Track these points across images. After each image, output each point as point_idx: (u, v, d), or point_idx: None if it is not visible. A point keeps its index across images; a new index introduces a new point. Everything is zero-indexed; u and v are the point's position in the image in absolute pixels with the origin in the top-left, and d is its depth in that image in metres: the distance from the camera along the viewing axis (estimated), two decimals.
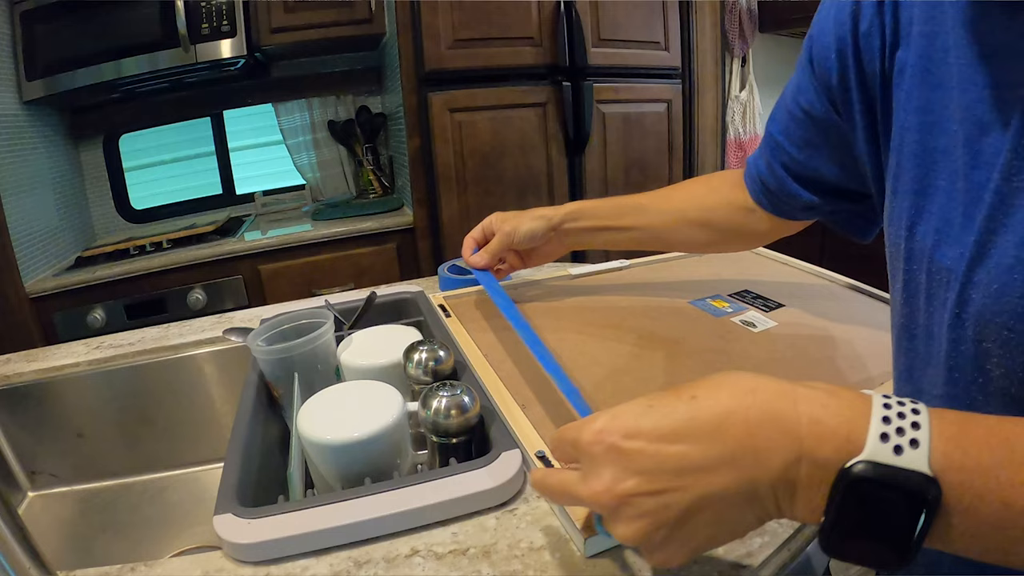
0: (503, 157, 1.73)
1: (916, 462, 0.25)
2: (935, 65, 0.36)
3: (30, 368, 0.76)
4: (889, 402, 0.27)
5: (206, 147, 2.11)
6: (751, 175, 0.63)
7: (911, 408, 0.27)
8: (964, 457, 0.25)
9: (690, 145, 2.07)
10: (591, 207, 0.72)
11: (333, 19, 1.71)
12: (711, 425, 0.29)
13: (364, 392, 0.52)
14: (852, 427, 0.27)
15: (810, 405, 0.28)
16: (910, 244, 0.38)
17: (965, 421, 0.26)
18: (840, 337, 0.64)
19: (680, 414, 0.30)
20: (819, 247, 1.87)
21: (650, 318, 0.71)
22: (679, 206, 0.69)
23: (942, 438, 0.26)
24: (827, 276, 0.82)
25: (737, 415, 0.29)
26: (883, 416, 0.26)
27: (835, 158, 0.51)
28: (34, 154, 1.67)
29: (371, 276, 1.75)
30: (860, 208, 0.56)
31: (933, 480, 0.25)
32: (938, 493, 0.25)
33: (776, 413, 0.28)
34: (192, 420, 0.80)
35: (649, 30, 1.87)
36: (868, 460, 0.26)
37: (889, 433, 0.26)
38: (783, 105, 0.55)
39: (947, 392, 0.37)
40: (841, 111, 0.46)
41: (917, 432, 0.26)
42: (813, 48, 0.47)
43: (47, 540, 0.70)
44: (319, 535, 0.41)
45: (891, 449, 0.25)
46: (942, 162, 0.35)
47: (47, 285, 1.52)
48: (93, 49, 1.61)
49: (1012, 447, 0.25)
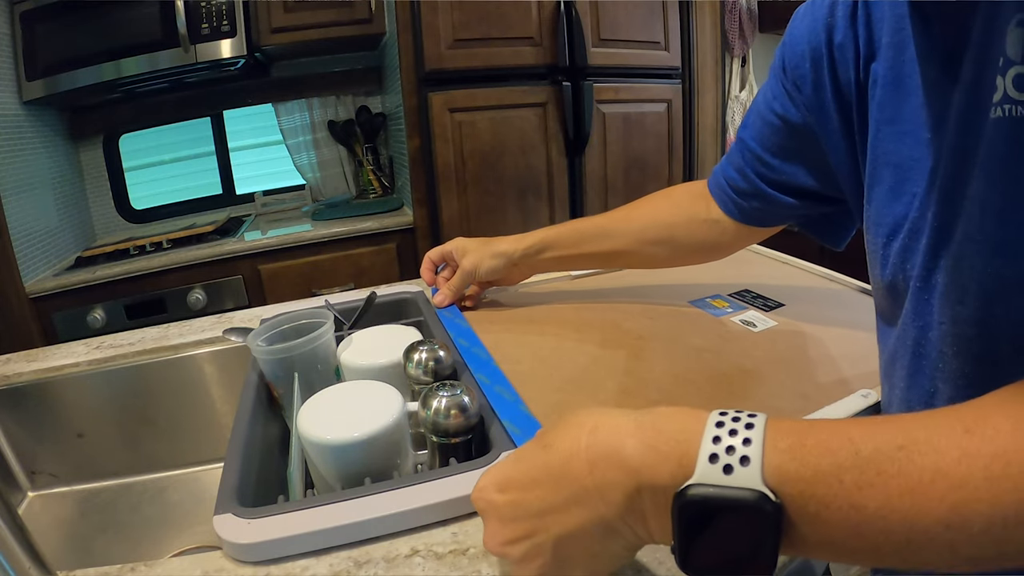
0: (503, 157, 1.73)
1: (748, 479, 0.25)
2: (905, 76, 0.37)
3: (30, 368, 0.76)
4: (723, 420, 0.27)
5: (206, 147, 2.10)
6: (719, 185, 0.63)
7: (745, 423, 0.27)
8: (801, 467, 0.25)
9: (690, 145, 2.07)
10: (553, 237, 0.72)
11: (333, 19, 1.71)
12: (559, 469, 0.31)
13: (364, 392, 0.52)
14: (683, 451, 0.27)
15: (645, 434, 0.29)
16: (887, 251, 0.39)
17: (804, 429, 0.26)
18: (840, 336, 0.64)
19: (538, 462, 0.32)
20: (819, 247, 1.86)
21: (650, 318, 0.71)
22: (640, 226, 0.69)
23: (776, 451, 0.25)
24: (827, 275, 0.82)
25: (580, 456, 0.30)
26: (714, 436, 0.26)
27: (810, 164, 0.52)
28: (34, 154, 1.67)
29: (371, 276, 1.75)
30: (833, 213, 0.56)
31: (766, 496, 0.25)
32: (776, 507, 0.24)
33: (612, 449, 0.29)
34: (192, 420, 0.80)
35: (649, 30, 1.87)
36: (698, 483, 0.26)
37: (718, 453, 0.26)
38: (756, 112, 0.55)
39: (911, 383, 0.38)
40: (816, 119, 0.47)
41: (748, 448, 0.26)
42: (786, 56, 0.48)
43: (47, 540, 0.70)
44: (319, 535, 0.41)
45: (720, 469, 0.25)
46: (915, 169, 0.36)
47: (47, 285, 1.52)
48: (93, 49, 1.61)
49: (856, 449, 0.24)
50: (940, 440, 0.23)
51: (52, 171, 1.76)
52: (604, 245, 0.70)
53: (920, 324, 0.36)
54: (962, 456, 0.22)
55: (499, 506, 0.33)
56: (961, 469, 0.22)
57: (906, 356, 0.38)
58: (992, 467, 0.22)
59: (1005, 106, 0.27)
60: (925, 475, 0.23)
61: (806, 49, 0.45)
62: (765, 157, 0.55)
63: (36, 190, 1.65)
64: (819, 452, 0.25)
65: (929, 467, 0.23)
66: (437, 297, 0.75)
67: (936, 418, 0.24)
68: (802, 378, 0.56)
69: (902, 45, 0.37)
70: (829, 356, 0.60)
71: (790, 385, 0.55)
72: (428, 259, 0.79)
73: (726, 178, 0.61)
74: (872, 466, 0.24)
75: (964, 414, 0.24)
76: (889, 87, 0.38)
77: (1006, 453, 0.22)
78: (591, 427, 0.31)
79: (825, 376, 0.56)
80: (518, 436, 0.48)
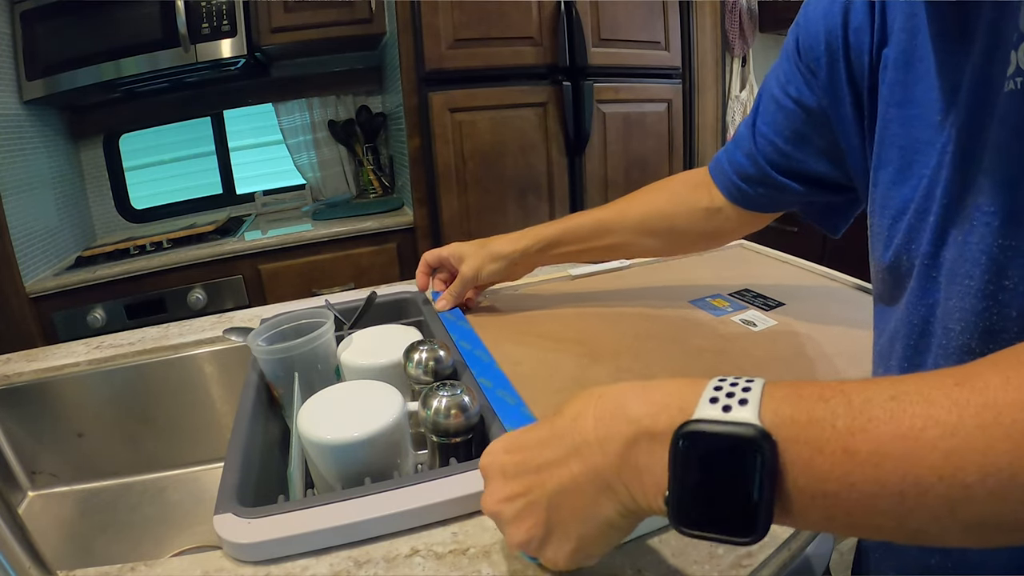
0: (503, 157, 1.73)
1: (745, 416, 0.25)
2: (916, 59, 0.37)
3: (30, 368, 0.76)
4: (725, 377, 0.28)
5: (206, 147, 2.11)
6: (722, 171, 0.62)
7: (745, 380, 0.27)
8: (795, 411, 0.25)
9: (690, 145, 2.07)
10: (551, 234, 0.72)
11: (333, 19, 1.71)
12: (564, 428, 0.32)
13: (364, 392, 0.52)
14: (684, 399, 0.28)
15: (649, 392, 0.29)
16: (892, 232, 0.39)
17: (800, 383, 0.27)
18: (840, 335, 0.63)
19: (545, 426, 0.33)
20: (820, 246, 1.87)
21: (650, 318, 0.71)
22: (638, 218, 0.69)
23: (773, 397, 0.26)
24: (827, 274, 0.82)
25: (585, 413, 0.31)
26: (715, 386, 0.27)
27: (822, 150, 0.51)
28: (34, 154, 1.67)
29: (371, 276, 1.75)
30: (837, 200, 0.56)
31: (764, 432, 0.25)
32: (772, 446, 0.25)
33: (617, 405, 0.30)
34: (192, 420, 0.80)
35: (649, 30, 1.87)
36: (698, 419, 0.26)
37: (718, 397, 0.27)
38: (769, 96, 0.54)
39: (911, 363, 0.38)
40: (829, 102, 0.46)
41: (747, 394, 0.26)
42: (800, 37, 0.47)
43: (47, 540, 0.70)
44: (319, 535, 0.41)
45: (720, 408, 0.26)
46: (923, 152, 0.36)
47: (47, 285, 1.52)
48: (93, 49, 1.61)
49: (848, 398, 0.25)
50: (931, 391, 0.23)
51: (52, 171, 1.76)
52: (604, 239, 0.70)
53: (928, 302, 0.36)
54: (952, 405, 0.22)
55: (503, 464, 0.34)
56: (952, 417, 0.22)
57: (909, 336, 0.38)
58: (983, 415, 0.22)
59: (1018, 79, 0.27)
60: (916, 421, 0.23)
61: (821, 30, 0.44)
62: (778, 142, 0.54)
63: (36, 190, 1.65)
64: (813, 399, 0.25)
65: (920, 414, 0.23)
66: (439, 303, 0.75)
67: (927, 375, 0.24)
68: (802, 377, 0.55)
69: (915, 30, 0.37)
70: (829, 355, 0.60)
71: None
72: (424, 263, 0.78)
73: (732, 164, 0.60)
74: (864, 413, 0.24)
75: (955, 371, 0.24)
76: (900, 70, 0.38)
77: (996, 404, 0.22)
78: (599, 394, 0.32)
79: (825, 375, 0.56)
80: None
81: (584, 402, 0.32)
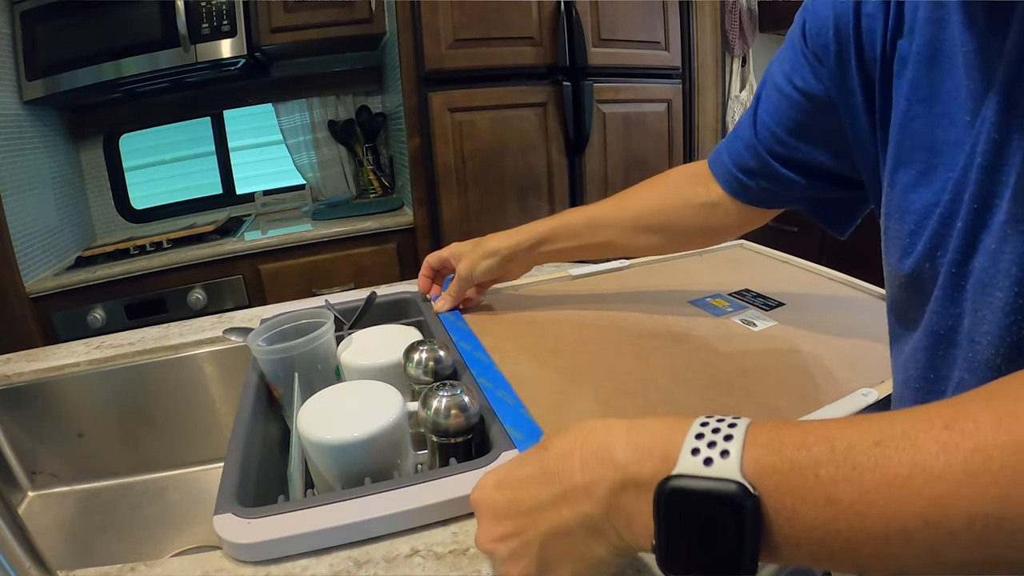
0: (503, 157, 1.73)
1: (726, 471, 0.25)
2: (943, 55, 0.35)
3: (30, 368, 0.76)
4: (708, 421, 0.28)
5: (206, 147, 2.11)
6: (722, 164, 0.60)
7: (728, 423, 0.27)
8: (778, 460, 0.25)
9: (690, 145, 2.07)
10: (545, 231, 0.71)
11: (333, 19, 1.71)
12: (553, 468, 0.32)
13: (364, 392, 0.52)
14: (667, 446, 0.27)
15: (634, 434, 0.29)
16: (913, 239, 0.37)
17: (784, 427, 0.26)
18: (840, 335, 0.63)
19: (536, 462, 0.33)
20: (819, 246, 1.87)
21: (650, 318, 0.71)
22: (635, 215, 0.67)
23: (755, 445, 0.26)
24: (827, 275, 0.82)
25: (572, 455, 0.31)
26: (697, 433, 0.27)
27: (828, 141, 0.49)
28: (34, 154, 1.67)
29: (371, 276, 1.75)
30: (842, 197, 0.54)
31: (745, 487, 0.25)
32: (754, 499, 0.24)
33: (602, 447, 0.30)
34: (192, 420, 0.80)
35: (649, 30, 1.87)
36: (680, 474, 0.26)
37: (700, 447, 0.26)
38: (772, 85, 0.52)
39: (933, 374, 0.37)
40: (837, 92, 0.44)
41: (728, 443, 0.26)
42: (808, 21, 0.45)
43: (47, 540, 0.70)
44: (319, 535, 0.41)
45: (701, 461, 0.26)
46: (949, 153, 0.34)
47: (47, 285, 1.52)
48: (93, 49, 1.61)
49: (832, 444, 0.24)
50: (918, 435, 0.23)
51: (52, 171, 1.76)
52: (600, 236, 0.69)
53: (955, 312, 0.35)
54: (940, 451, 0.22)
55: (494, 503, 0.34)
56: (939, 464, 0.22)
57: (931, 347, 0.37)
58: (972, 461, 0.21)
59: None
60: (902, 469, 0.22)
61: (830, 15, 0.42)
62: (780, 133, 0.52)
63: (36, 190, 1.65)
64: (796, 447, 0.25)
65: (906, 461, 0.22)
66: (438, 303, 0.75)
67: (916, 414, 0.24)
68: (802, 377, 0.56)
69: (942, 22, 0.35)
70: (829, 355, 0.60)
71: (790, 385, 0.55)
72: (427, 265, 0.78)
73: (732, 155, 0.58)
74: (848, 461, 0.23)
75: (944, 410, 0.23)
76: (924, 66, 0.36)
77: (986, 448, 0.21)
78: (588, 430, 0.31)
79: (825, 375, 0.56)
80: (520, 441, 0.47)
81: (572, 440, 0.32)
